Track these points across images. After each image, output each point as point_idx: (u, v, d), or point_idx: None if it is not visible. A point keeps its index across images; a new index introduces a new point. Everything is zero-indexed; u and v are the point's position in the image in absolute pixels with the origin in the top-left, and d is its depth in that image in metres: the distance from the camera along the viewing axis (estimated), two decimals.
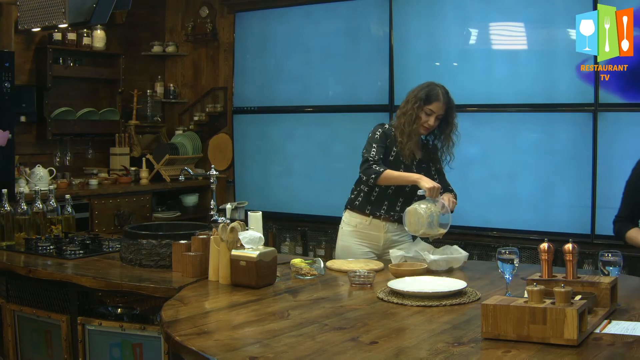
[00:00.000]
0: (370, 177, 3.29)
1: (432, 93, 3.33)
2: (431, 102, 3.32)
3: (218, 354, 1.91)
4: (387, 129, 3.41)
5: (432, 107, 3.32)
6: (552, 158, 4.82)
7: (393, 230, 3.45)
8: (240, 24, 6.18)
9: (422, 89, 3.38)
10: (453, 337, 2.04)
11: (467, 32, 5.12)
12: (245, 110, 6.17)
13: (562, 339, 1.91)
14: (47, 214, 3.69)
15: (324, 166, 5.78)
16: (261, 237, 2.75)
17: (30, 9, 4.34)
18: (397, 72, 5.31)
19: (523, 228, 4.90)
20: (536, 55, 4.84)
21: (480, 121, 5.06)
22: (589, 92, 4.62)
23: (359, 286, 2.71)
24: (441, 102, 3.32)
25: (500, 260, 2.42)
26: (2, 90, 4.71)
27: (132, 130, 6.22)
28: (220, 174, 5.49)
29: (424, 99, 3.33)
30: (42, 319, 3.09)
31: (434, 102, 3.32)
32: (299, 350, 1.94)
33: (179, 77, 6.72)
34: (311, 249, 5.86)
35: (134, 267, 3.06)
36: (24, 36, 5.35)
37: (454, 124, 3.40)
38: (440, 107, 3.33)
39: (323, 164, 5.79)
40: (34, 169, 5.20)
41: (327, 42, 5.72)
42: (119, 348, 2.87)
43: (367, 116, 5.22)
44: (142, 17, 6.42)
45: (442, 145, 3.44)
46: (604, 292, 2.25)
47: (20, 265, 3.15)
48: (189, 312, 2.33)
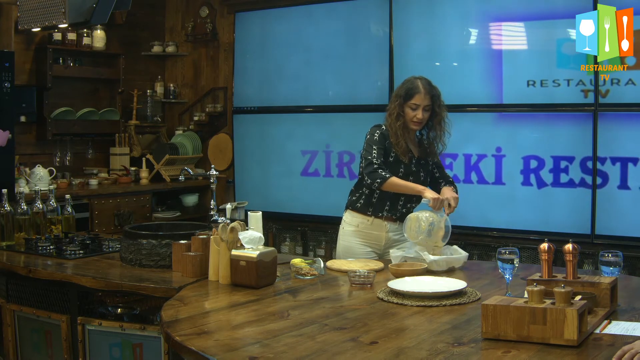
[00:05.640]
0: (375, 182, 3.29)
1: (411, 87, 3.34)
2: (412, 97, 3.33)
3: (218, 354, 1.91)
4: (385, 130, 3.41)
5: (414, 100, 3.32)
6: (552, 158, 4.81)
7: (394, 230, 3.45)
8: (240, 24, 6.17)
9: (402, 86, 3.41)
10: (453, 337, 2.04)
11: (467, 32, 5.12)
12: (245, 110, 6.17)
13: (562, 339, 1.91)
14: (47, 214, 3.68)
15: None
16: (261, 237, 2.75)
17: (30, 9, 4.35)
18: (397, 72, 5.30)
19: (523, 228, 4.90)
20: (536, 55, 4.84)
21: (480, 121, 5.06)
22: (589, 92, 4.63)
23: (359, 286, 2.71)
24: (422, 93, 3.32)
25: (500, 260, 2.42)
26: (2, 90, 4.71)
27: (132, 130, 6.22)
28: (220, 174, 5.49)
29: (404, 96, 3.34)
30: (42, 319, 3.09)
31: (415, 95, 3.32)
32: (299, 350, 1.94)
33: (179, 77, 6.72)
34: (311, 249, 5.86)
35: (134, 267, 3.06)
36: (24, 36, 5.35)
37: (442, 112, 3.39)
38: (423, 98, 3.32)
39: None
40: (34, 169, 5.20)
41: (327, 42, 5.72)
42: (119, 348, 2.87)
43: (367, 116, 5.21)
44: (142, 17, 6.42)
45: (435, 135, 3.44)
46: (604, 292, 2.25)
47: (20, 265, 3.15)
48: (189, 312, 2.34)
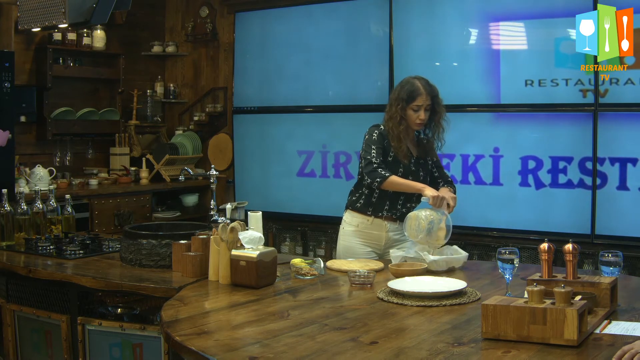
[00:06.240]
0: (375, 181, 3.29)
1: (412, 89, 3.34)
2: (415, 99, 3.32)
3: (218, 354, 1.91)
4: (383, 129, 3.41)
5: (417, 102, 3.33)
6: (552, 158, 4.81)
7: (394, 230, 3.45)
8: (240, 24, 6.17)
9: (401, 88, 3.39)
10: (453, 337, 2.04)
11: (467, 32, 5.12)
12: (245, 110, 6.17)
13: (562, 340, 1.91)
14: (47, 214, 3.68)
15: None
16: (261, 237, 2.75)
17: (30, 9, 4.35)
18: (397, 72, 5.30)
19: (523, 228, 4.90)
20: (536, 55, 4.84)
21: (480, 121, 5.06)
22: (587, 92, 4.63)
23: (359, 286, 2.71)
24: (424, 94, 3.33)
25: (500, 260, 2.42)
26: (2, 90, 4.71)
27: (132, 130, 6.21)
28: (220, 174, 5.49)
29: (406, 99, 3.34)
30: (42, 319, 3.09)
31: (417, 97, 3.32)
32: (299, 350, 1.94)
33: (179, 77, 6.71)
34: (311, 249, 5.86)
35: (134, 267, 3.06)
36: (24, 36, 5.35)
37: (441, 110, 3.40)
38: (425, 99, 3.33)
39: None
40: (34, 169, 5.20)
41: (327, 42, 5.72)
42: (119, 348, 2.87)
43: (367, 116, 5.20)
44: (142, 17, 6.42)
45: (434, 132, 3.45)
46: (604, 292, 2.25)
47: (20, 265, 3.15)
48: (189, 312, 2.33)
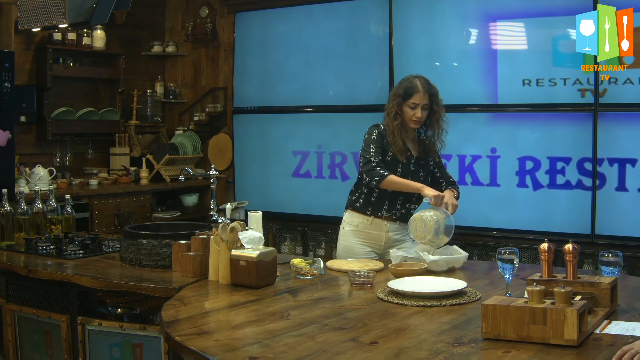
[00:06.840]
0: (374, 180, 3.29)
1: (410, 86, 3.35)
2: (412, 95, 3.33)
3: (218, 354, 1.91)
4: (383, 129, 3.41)
5: (413, 100, 3.33)
6: (550, 159, 4.81)
7: (394, 230, 3.45)
8: (240, 24, 6.17)
9: (400, 85, 3.41)
10: (453, 337, 2.04)
11: (467, 32, 5.12)
12: (245, 110, 6.17)
13: (562, 340, 1.91)
14: (47, 214, 3.68)
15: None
16: (261, 237, 2.75)
17: (30, 9, 4.34)
18: (397, 72, 5.30)
19: (523, 228, 4.90)
20: (536, 55, 4.84)
21: (480, 121, 5.06)
22: (585, 91, 4.63)
23: (359, 286, 2.71)
24: (421, 92, 3.33)
25: (500, 260, 2.42)
26: (2, 90, 4.71)
27: (132, 130, 6.21)
28: (220, 174, 5.48)
29: (403, 95, 3.35)
30: (42, 319, 3.09)
31: (414, 94, 3.33)
32: (299, 350, 1.94)
33: (179, 77, 6.71)
34: (311, 249, 5.86)
35: (134, 267, 3.06)
36: (24, 36, 5.35)
37: (440, 110, 3.41)
38: (422, 97, 3.33)
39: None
40: (34, 169, 5.20)
41: (327, 42, 5.72)
42: (119, 348, 2.87)
43: (367, 116, 5.20)
44: (142, 17, 6.42)
45: (433, 133, 3.45)
46: (604, 292, 2.25)
47: (20, 265, 3.15)
48: (189, 312, 2.33)
